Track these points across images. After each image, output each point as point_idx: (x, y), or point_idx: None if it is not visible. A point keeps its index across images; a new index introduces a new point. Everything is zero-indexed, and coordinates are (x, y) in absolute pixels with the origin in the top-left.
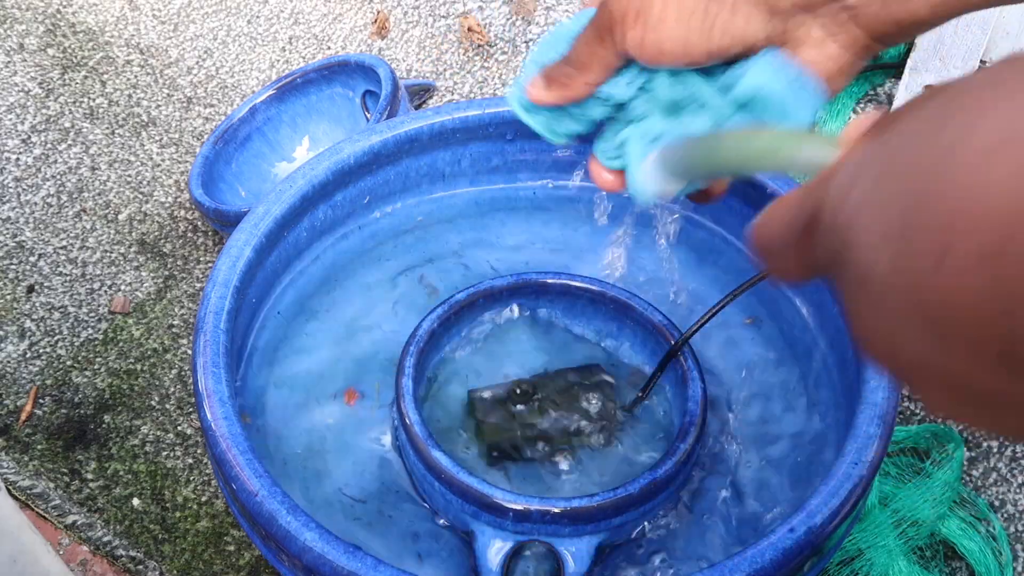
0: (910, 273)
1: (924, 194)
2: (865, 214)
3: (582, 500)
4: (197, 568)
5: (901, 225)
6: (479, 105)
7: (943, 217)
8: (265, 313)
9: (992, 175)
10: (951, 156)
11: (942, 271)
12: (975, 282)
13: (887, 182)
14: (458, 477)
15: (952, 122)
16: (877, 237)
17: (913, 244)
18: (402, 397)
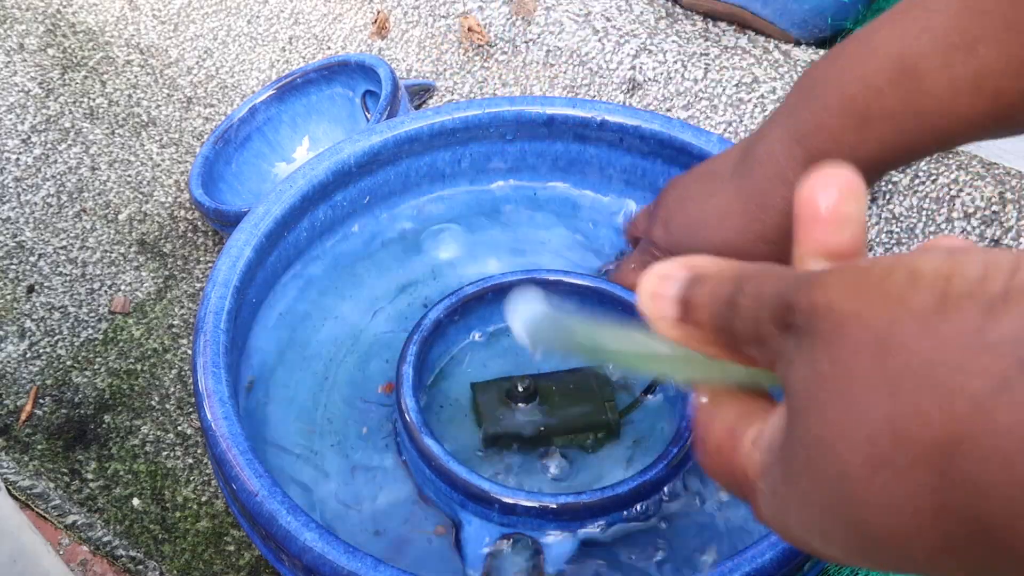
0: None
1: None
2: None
3: (568, 497)
4: (197, 568)
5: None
6: (479, 105)
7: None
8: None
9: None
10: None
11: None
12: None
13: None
14: (447, 466)
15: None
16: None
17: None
18: (401, 384)
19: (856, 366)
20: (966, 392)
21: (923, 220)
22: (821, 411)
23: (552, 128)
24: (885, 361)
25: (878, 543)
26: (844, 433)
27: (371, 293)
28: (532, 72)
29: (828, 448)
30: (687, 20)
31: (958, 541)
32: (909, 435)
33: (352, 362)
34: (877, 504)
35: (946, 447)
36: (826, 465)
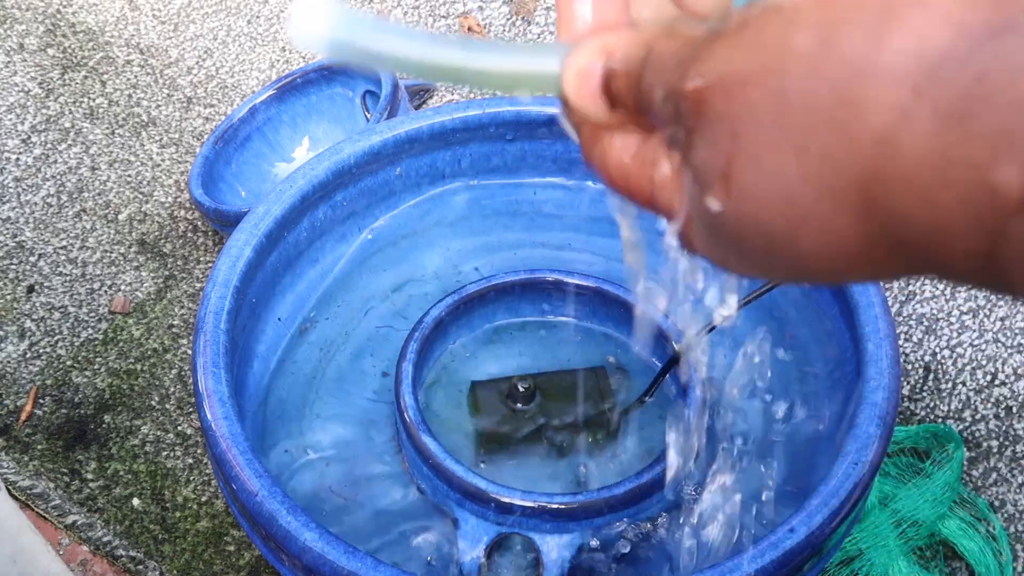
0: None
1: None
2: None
3: (565, 498)
4: (197, 568)
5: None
6: (479, 105)
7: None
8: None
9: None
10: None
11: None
12: None
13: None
14: (445, 464)
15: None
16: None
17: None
18: (401, 381)
19: (757, 134)
20: (869, 130)
21: None
22: (735, 189)
23: (552, 128)
24: (784, 118)
25: (811, 274)
26: (763, 203)
27: (371, 292)
28: None
29: (750, 221)
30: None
31: (881, 260)
32: (825, 185)
33: (352, 361)
34: (807, 252)
35: (863, 188)
36: (752, 235)
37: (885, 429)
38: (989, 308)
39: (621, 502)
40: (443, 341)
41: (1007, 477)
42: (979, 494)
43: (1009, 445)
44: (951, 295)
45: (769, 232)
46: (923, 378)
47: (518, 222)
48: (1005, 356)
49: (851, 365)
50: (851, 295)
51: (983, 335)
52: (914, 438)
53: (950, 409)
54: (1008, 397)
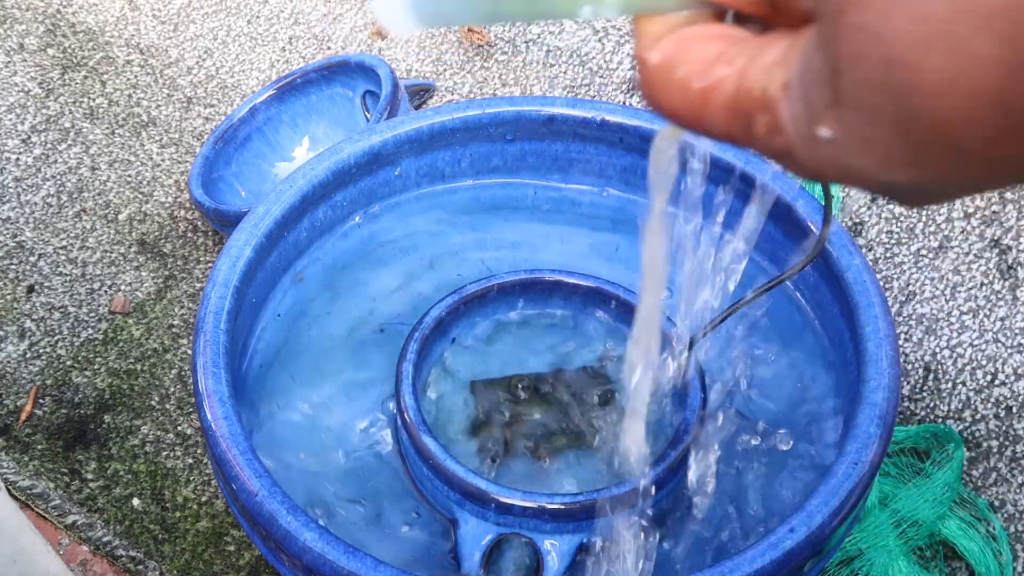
0: None
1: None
2: None
3: (565, 498)
4: (197, 568)
5: None
6: (479, 105)
7: None
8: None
9: None
10: None
11: None
12: None
13: None
14: (444, 464)
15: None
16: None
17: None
18: (401, 381)
19: None
20: None
21: (923, 220)
22: (864, 7)
23: (552, 128)
24: None
25: (935, 138)
26: (894, 23)
27: (371, 292)
28: (532, 72)
29: (880, 41)
30: None
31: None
32: (969, 3)
33: (350, 360)
34: (937, 92)
35: (1012, 8)
36: (881, 64)
37: (885, 429)
38: (989, 308)
39: (623, 502)
40: (443, 341)
41: (1007, 477)
42: (979, 494)
43: (1009, 445)
44: (951, 295)
45: (896, 57)
46: (923, 378)
47: (518, 221)
48: (1005, 356)
49: (852, 365)
50: (851, 295)
51: (983, 335)
52: (914, 438)
53: (950, 409)
54: (1008, 397)
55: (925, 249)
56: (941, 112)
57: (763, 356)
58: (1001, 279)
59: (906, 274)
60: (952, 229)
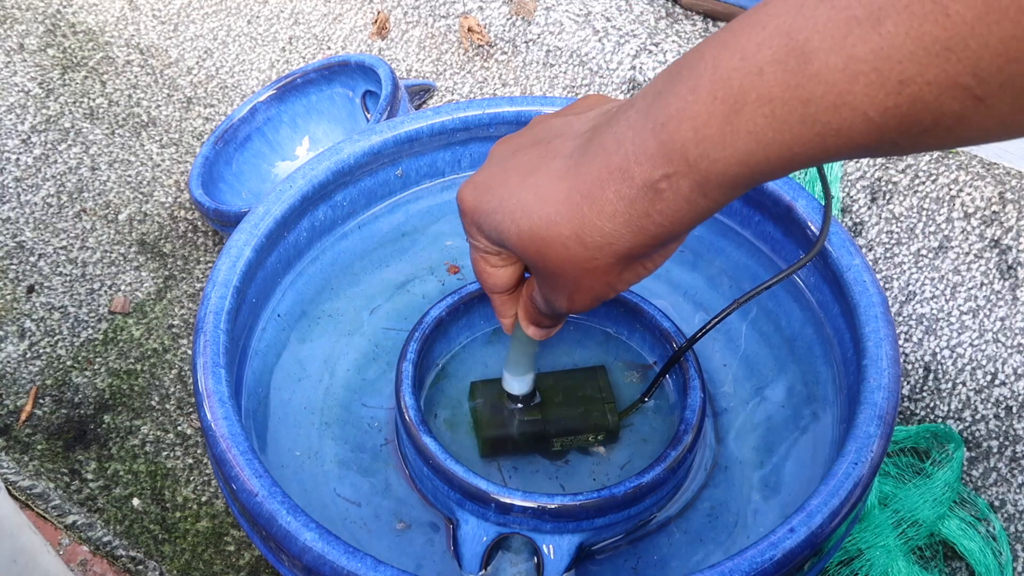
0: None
1: None
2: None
3: (564, 498)
4: (197, 568)
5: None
6: (479, 105)
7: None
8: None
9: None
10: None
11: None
12: None
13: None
14: (444, 464)
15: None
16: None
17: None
18: (401, 381)
19: (562, 291)
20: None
21: (923, 220)
22: (561, 293)
23: None
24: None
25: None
26: (573, 298)
27: (370, 292)
28: (532, 72)
29: (567, 300)
30: (687, 20)
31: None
32: (592, 291)
33: (350, 359)
34: (589, 291)
35: (610, 280)
36: (567, 300)
37: (885, 429)
38: (989, 308)
39: (621, 502)
40: (443, 341)
41: (1007, 477)
42: (979, 494)
43: (1009, 445)
44: (951, 295)
45: (571, 298)
46: (923, 378)
47: None
48: (1005, 356)
49: (852, 365)
50: (851, 295)
51: (983, 335)
52: (914, 438)
53: (950, 409)
54: (1008, 397)
55: (925, 249)
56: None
57: (762, 355)
58: (1001, 279)
59: (906, 274)
60: (952, 229)
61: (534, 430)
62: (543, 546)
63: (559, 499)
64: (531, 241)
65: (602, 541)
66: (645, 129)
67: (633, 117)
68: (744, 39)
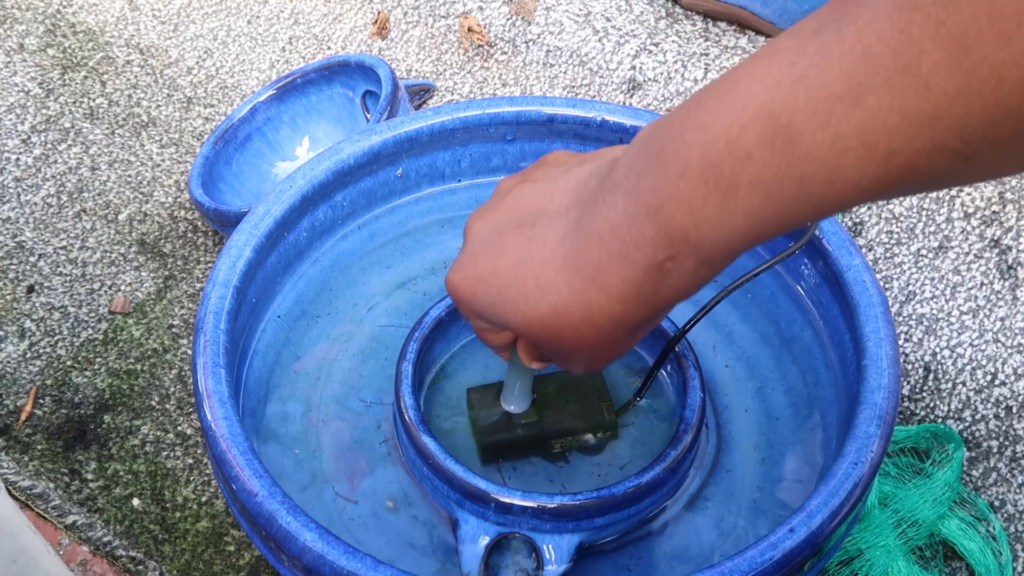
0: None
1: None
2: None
3: (564, 498)
4: (197, 568)
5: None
6: (479, 105)
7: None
8: (265, 316)
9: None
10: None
11: None
12: None
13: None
14: (444, 464)
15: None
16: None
17: None
18: (400, 382)
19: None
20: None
21: (923, 220)
22: (577, 364)
23: (552, 128)
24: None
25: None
26: (590, 366)
27: (370, 292)
28: (532, 72)
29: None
30: (687, 20)
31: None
32: (608, 357)
33: (350, 360)
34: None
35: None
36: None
37: (885, 429)
38: (989, 308)
39: (620, 502)
40: (443, 341)
41: (1007, 477)
42: (979, 494)
43: (1009, 445)
44: (951, 295)
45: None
46: (923, 378)
47: None
48: (1005, 356)
49: (851, 365)
50: (851, 295)
51: (983, 335)
52: (914, 438)
53: (950, 409)
54: (1008, 397)
55: (925, 249)
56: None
57: (761, 354)
58: (1001, 279)
59: (906, 274)
60: (952, 229)
61: (532, 433)
62: (543, 546)
63: (559, 499)
64: (540, 330)
65: (602, 541)
66: (639, 214)
67: (622, 201)
68: (725, 121)
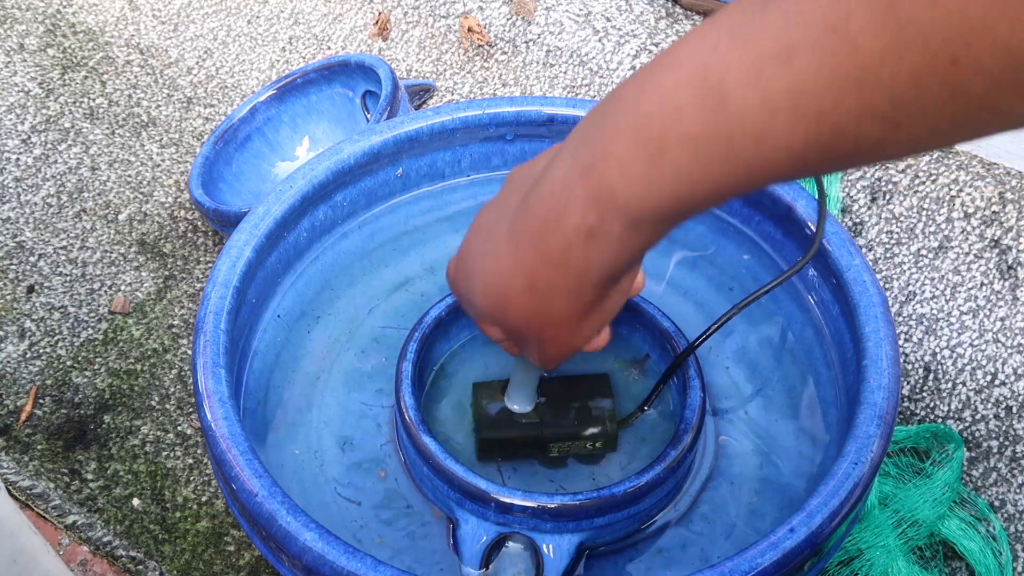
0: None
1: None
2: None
3: (564, 497)
4: (197, 568)
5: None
6: (479, 105)
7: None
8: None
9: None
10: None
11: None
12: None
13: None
14: (444, 464)
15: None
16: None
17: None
18: (401, 381)
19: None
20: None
21: (923, 220)
22: (532, 347)
23: (552, 128)
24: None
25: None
26: (544, 350)
27: (370, 293)
28: (532, 72)
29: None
30: (687, 20)
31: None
32: (558, 342)
33: (350, 360)
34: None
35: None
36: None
37: (885, 429)
38: (989, 308)
39: (621, 502)
40: (444, 341)
41: (1007, 477)
42: (979, 494)
43: (1009, 445)
44: (951, 295)
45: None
46: (923, 378)
47: None
48: (1005, 356)
49: (851, 365)
50: (851, 295)
51: (983, 335)
52: (914, 438)
53: (950, 409)
54: (1008, 397)
55: (925, 249)
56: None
57: (762, 353)
58: (1001, 279)
59: (906, 274)
60: (952, 229)
61: (531, 434)
62: (543, 546)
63: (559, 499)
64: (493, 300)
65: (602, 541)
66: (573, 172)
67: (565, 160)
68: (662, 79)
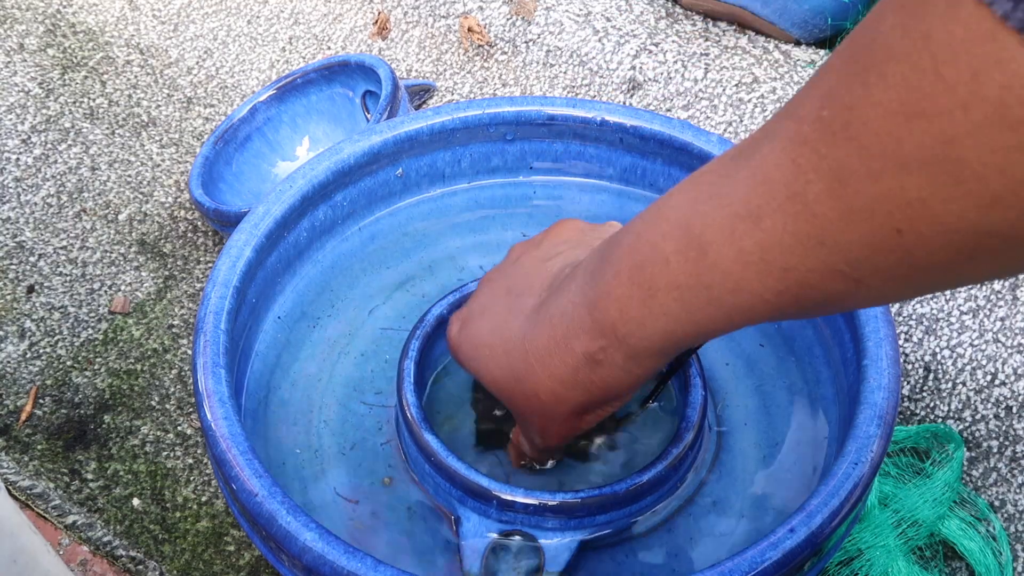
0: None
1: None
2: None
3: (566, 495)
4: (197, 568)
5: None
6: (479, 105)
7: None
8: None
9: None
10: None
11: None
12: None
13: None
14: (446, 461)
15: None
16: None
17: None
18: (402, 379)
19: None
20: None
21: None
22: (533, 432)
23: (552, 128)
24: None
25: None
26: (544, 436)
27: (371, 293)
28: (532, 72)
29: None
30: (687, 20)
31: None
32: (559, 434)
33: (351, 361)
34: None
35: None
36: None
37: (885, 429)
38: (989, 308)
39: (622, 499)
40: (445, 340)
41: (1007, 477)
42: (979, 494)
43: (1009, 445)
44: (951, 295)
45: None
46: (923, 378)
47: (517, 221)
48: (1005, 356)
49: (852, 364)
50: None
51: (983, 335)
52: (914, 438)
53: (950, 409)
54: (1008, 397)
55: None
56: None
57: (762, 353)
58: (1001, 279)
59: None
60: None
61: None
62: (544, 543)
63: (560, 496)
64: (499, 390)
65: (604, 538)
66: (582, 305)
67: (575, 291)
68: (653, 229)
